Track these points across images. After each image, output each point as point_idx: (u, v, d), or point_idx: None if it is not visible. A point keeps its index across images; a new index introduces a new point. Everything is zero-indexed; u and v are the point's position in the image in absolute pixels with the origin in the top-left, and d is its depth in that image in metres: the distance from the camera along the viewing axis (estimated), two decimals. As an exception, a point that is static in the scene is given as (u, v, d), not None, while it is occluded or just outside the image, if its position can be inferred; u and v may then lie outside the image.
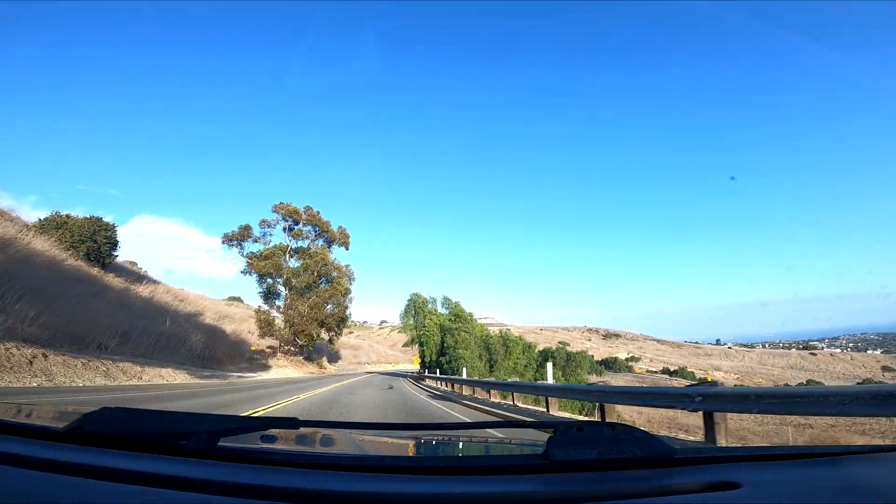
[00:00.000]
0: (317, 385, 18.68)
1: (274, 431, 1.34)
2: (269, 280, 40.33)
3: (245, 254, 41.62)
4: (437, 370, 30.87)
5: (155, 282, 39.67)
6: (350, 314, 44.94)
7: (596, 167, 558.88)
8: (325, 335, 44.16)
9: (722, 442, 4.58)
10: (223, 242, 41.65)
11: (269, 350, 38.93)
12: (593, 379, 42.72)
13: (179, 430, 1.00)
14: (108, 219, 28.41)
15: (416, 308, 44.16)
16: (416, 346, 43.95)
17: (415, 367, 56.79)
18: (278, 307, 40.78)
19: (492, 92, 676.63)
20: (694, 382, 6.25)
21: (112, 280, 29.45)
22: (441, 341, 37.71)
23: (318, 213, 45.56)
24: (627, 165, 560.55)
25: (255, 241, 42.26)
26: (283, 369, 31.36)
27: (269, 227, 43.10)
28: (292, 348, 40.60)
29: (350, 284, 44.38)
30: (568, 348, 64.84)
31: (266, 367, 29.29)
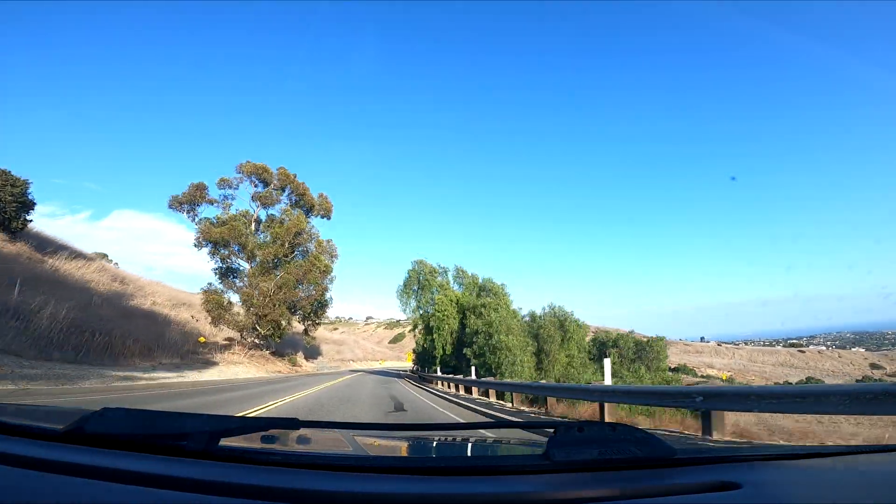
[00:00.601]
0: (260, 397, 10.78)
1: (274, 432, 1.33)
2: (223, 250, 31.30)
3: (198, 220, 32.84)
4: (473, 369, 19.51)
5: (88, 258, 31.64)
6: (331, 298, 35.34)
7: (590, 165, 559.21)
8: (298, 324, 35.66)
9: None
10: (170, 206, 32.70)
11: (225, 342, 30.57)
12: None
13: (180, 430, 0.98)
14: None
15: (419, 282, 31.22)
16: (420, 334, 32.32)
17: (406, 364, 48.15)
18: (239, 287, 32.08)
19: (491, 90, 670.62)
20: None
21: (9, 247, 22.88)
22: (460, 326, 26.84)
23: (295, 175, 37.16)
24: (624, 164, 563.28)
25: (213, 203, 33.27)
26: (236, 367, 23.00)
27: (230, 187, 34.23)
28: (256, 340, 32.05)
29: (332, 263, 36.26)
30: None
31: (208, 364, 20.96)
